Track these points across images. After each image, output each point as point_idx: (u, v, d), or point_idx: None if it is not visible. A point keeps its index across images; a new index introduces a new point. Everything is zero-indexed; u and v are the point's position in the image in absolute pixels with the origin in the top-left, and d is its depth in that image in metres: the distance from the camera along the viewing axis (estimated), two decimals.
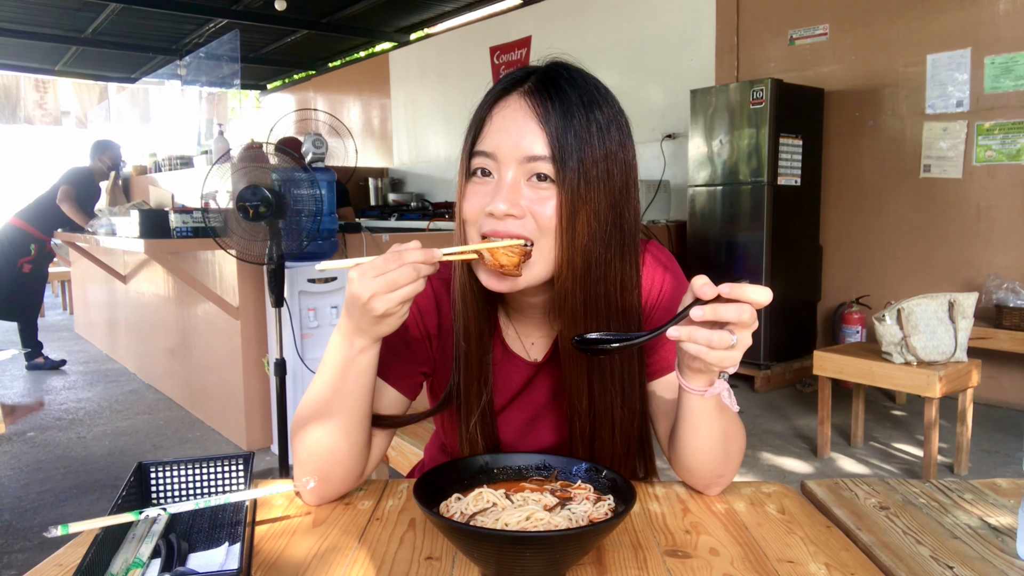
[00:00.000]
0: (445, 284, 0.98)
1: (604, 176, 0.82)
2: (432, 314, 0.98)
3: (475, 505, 0.77)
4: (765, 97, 4.24)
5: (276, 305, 2.77)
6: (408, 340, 0.96)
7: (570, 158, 0.80)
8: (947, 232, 4.18)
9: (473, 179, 0.85)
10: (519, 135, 0.82)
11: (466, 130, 0.88)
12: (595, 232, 0.83)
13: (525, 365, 0.98)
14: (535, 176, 0.82)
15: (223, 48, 7.02)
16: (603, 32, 6.12)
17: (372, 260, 0.76)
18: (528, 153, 0.81)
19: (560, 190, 0.81)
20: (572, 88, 0.83)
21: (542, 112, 0.81)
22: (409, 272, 0.75)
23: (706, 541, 0.81)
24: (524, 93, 0.83)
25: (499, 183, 0.83)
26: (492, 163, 0.83)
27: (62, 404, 4.29)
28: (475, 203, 0.84)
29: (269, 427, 3.41)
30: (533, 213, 0.82)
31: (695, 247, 4.72)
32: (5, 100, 9.93)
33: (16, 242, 4.97)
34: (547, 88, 0.82)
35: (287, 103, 11.18)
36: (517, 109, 0.83)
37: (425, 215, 6.98)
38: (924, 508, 0.91)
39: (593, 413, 0.92)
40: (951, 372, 2.80)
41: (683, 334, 0.72)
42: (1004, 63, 3.89)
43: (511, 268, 0.81)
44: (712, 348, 0.72)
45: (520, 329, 0.99)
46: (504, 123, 0.83)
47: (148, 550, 0.74)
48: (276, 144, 3.02)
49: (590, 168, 0.81)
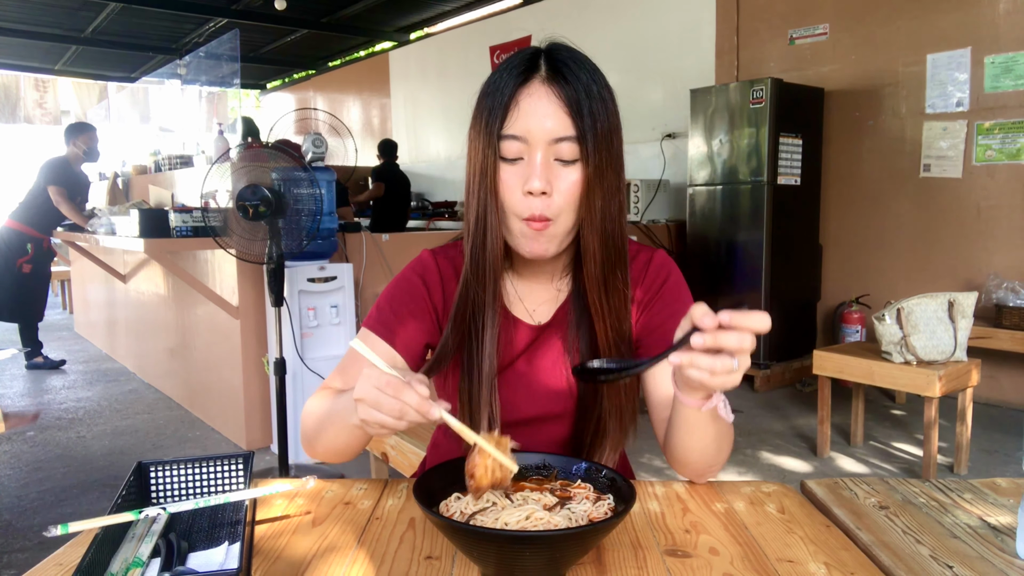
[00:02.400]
0: (452, 264, 1.04)
1: (612, 146, 0.91)
2: (438, 290, 1.03)
3: (475, 504, 0.77)
4: (765, 97, 4.24)
5: (276, 304, 2.77)
6: (413, 308, 1.01)
7: (591, 136, 0.88)
8: (947, 232, 4.18)
9: (504, 164, 0.91)
10: (545, 118, 0.88)
11: (480, 116, 0.93)
12: (608, 195, 0.92)
13: (527, 328, 1.03)
14: (562, 155, 0.89)
15: (223, 48, 7.02)
16: (603, 32, 6.13)
17: (383, 375, 0.75)
18: (556, 135, 0.89)
19: (584, 166, 0.90)
20: (581, 70, 0.90)
21: (564, 97, 0.89)
22: (394, 407, 0.73)
23: (706, 541, 0.81)
24: (544, 80, 0.90)
25: (529, 163, 0.90)
26: (523, 146, 0.90)
27: (62, 404, 4.30)
28: (510, 185, 0.91)
29: (269, 427, 3.41)
30: (559, 190, 0.90)
31: (695, 247, 4.72)
32: (5, 100, 9.92)
33: (12, 243, 4.94)
34: (563, 73, 0.90)
35: (287, 103, 11.17)
36: (542, 95, 0.89)
37: (425, 215, 6.99)
38: (924, 508, 0.91)
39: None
40: (951, 372, 2.80)
41: (685, 360, 0.75)
42: (1004, 63, 3.89)
43: (491, 483, 0.78)
44: (715, 374, 0.74)
45: (524, 293, 1.04)
46: (531, 108, 0.89)
47: (148, 549, 0.74)
48: (276, 143, 3.02)
49: (602, 142, 0.90)
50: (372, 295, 3.77)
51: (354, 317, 3.41)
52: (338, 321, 3.34)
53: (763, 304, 4.35)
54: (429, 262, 1.04)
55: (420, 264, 1.05)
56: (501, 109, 0.90)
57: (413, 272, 1.04)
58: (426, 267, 1.04)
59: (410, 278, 1.04)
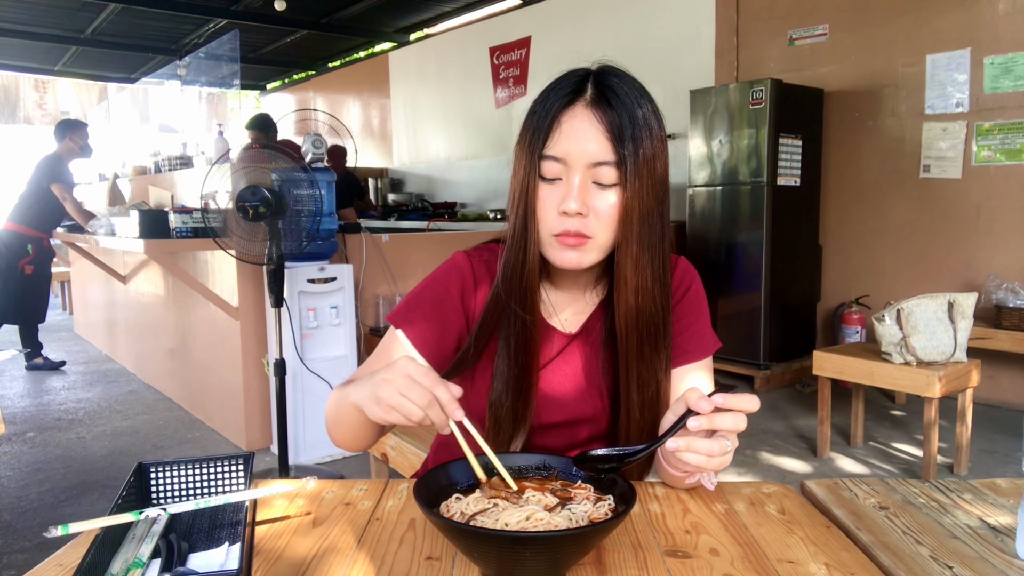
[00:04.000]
0: (486, 267, 1.05)
1: (653, 173, 0.92)
2: (471, 295, 1.04)
3: (475, 505, 0.77)
4: (765, 97, 4.24)
5: (276, 305, 2.77)
6: (442, 312, 1.02)
7: (631, 162, 0.89)
8: (947, 232, 4.18)
9: (543, 183, 0.93)
10: (586, 142, 0.90)
11: (526, 133, 0.94)
12: (646, 219, 0.93)
13: (560, 336, 1.04)
14: (600, 179, 0.91)
15: (223, 48, 7.02)
16: (603, 32, 6.13)
17: (420, 365, 0.79)
18: (595, 159, 0.90)
19: (622, 191, 0.91)
20: (628, 96, 0.91)
21: (606, 122, 0.90)
22: (424, 398, 0.77)
23: (706, 541, 0.81)
24: (588, 104, 0.91)
25: (567, 185, 0.91)
26: (562, 167, 0.91)
27: (62, 405, 4.29)
28: (547, 203, 0.93)
29: (269, 427, 3.41)
30: (596, 211, 0.91)
31: (694, 247, 4.72)
32: (5, 100, 9.93)
33: (12, 245, 4.92)
34: (607, 98, 0.91)
35: (287, 103, 11.17)
36: (584, 119, 0.90)
37: (425, 215, 6.99)
38: (924, 508, 0.91)
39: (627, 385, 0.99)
40: (951, 372, 2.81)
41: (682, 445, 0.78)
42: (1004, 63, 3.90)
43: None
44: (712, 457, 0.78)
45: (557, 302, 1.05)
46: (572, 131, 0.90)
47: (148, 550, 0.74)
48: (275, 143, 3.02)
49: (643, 168, 0.90)
50: (372, 296, 3.77)
51: (354, 318, 3.41)
52: (338, 322, 3.34)
53: (763, 304, 4.35)
54: (464, 265, 1.05)
55: (455, 267, 1.05)
56: (544, 130, 0.92)
57: (447, 274, 1.05)
58: (461, 270, 1.04)
59: (444, 280, 1.04)
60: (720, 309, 4.57)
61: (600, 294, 1.05)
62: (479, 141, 7.56)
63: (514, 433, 1.00)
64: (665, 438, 0.78)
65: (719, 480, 0.95)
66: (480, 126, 7.52)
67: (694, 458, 0.78)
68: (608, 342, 1.02)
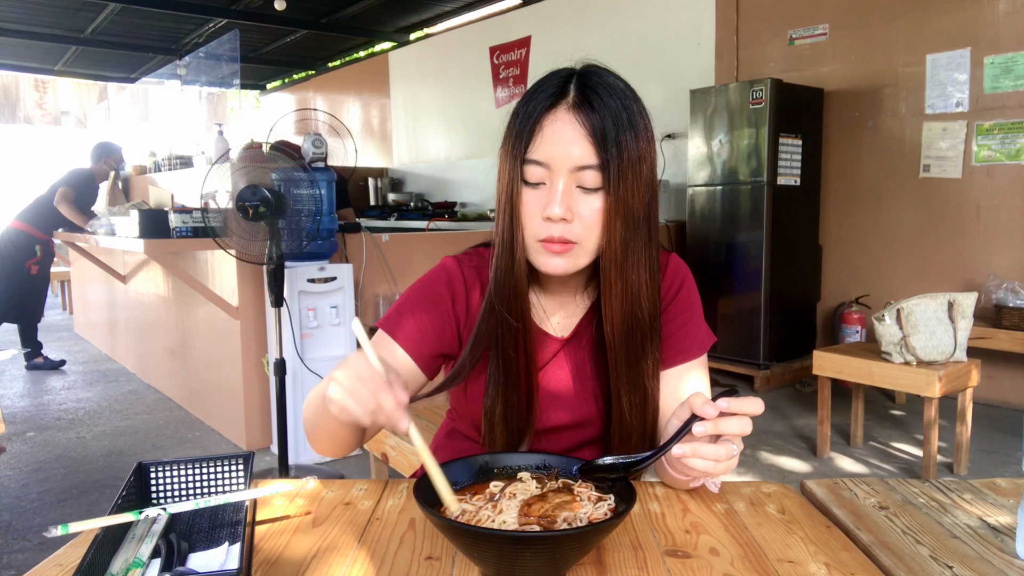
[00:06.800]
0: (476, 272, 1.03)
1: (639, 175, 0.90)
2: (462, 300, 1.02)
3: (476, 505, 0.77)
4: (765, 97, 4.24)
5: (276, 305, 2.77)
6: (433, 317, 1.01)
7: (615, 165, 0.87)
8: (947, 232, 4.18)
9: (527, 187, 0.91)
10: (569, 146, 0.88)
11: (509, 137, 0.93)
12: (632, 223, 0.91)
13: (553, 341, 1.04)
14: (584, 183, 0.89)
15: (223, 48, 7.02)
16: (603, 32, 6.12)
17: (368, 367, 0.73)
18: (578, 163, 0.88)
19: (606, 194, 0.89)
20: (611, 97, 0.89)
21: (589, 125, 0.88)
22: (368, 404, 0.71)
23: (706, 541, 0.81)
24: (570, 107, 0.89)
25: (551, 190, 0.89)
26: (545, 172, 0.90)
27: (62, 404, 4.29)
28: (531, 208, 0.91)
29: (269, 427, 3.41)
30: (580, 216, 0.90)
31: (694, 247, 4.72)
32: (5, 100, 9.93)
33: (21, 245, 4.95)
34: (590, 100, 0.89)
35: (287, 103, 11.17)
36: (566, 122, 0.88)
37: (424, 215, 6.98)
38: (923, 508, 0.91)
39: (617, 390, 0.98)
40: (950, 372, 2.81)
41: (688, 451, 0.78)
42: (1004, 63, 3.89)
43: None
44: (719, 462, 0.78)
45: (548, 307, 1.05)
46: (555, 135, 0.89)
47: (148, 550, 0.74)
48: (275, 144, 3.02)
49: (629, 170, 0.88)
50: (372, 296, 3.77)
51: (354, 318, 3.41)
52: (338, 322, 3.34)
53: (763, 304, 4.35)
54: (454, 270, 1.03)
55: (445, 272, 1.04)
56: (527, 134, 0.90)
57: (438, 280, 1.03)
58: (451, 275, 1.03)
59: (434, 286, 1.03)
60: (720, 309, 4.57)
61: (591, 296, 1.04)
62: (479, 141, 7.55)
63: (520, 439, 0.99)
64: (671, 444, 0.78)
65: (720, 479, 0.95)
66: (480, 126, 7.51)
67: (701, 464, 0.78)
68: (599, 346, 1.00)
